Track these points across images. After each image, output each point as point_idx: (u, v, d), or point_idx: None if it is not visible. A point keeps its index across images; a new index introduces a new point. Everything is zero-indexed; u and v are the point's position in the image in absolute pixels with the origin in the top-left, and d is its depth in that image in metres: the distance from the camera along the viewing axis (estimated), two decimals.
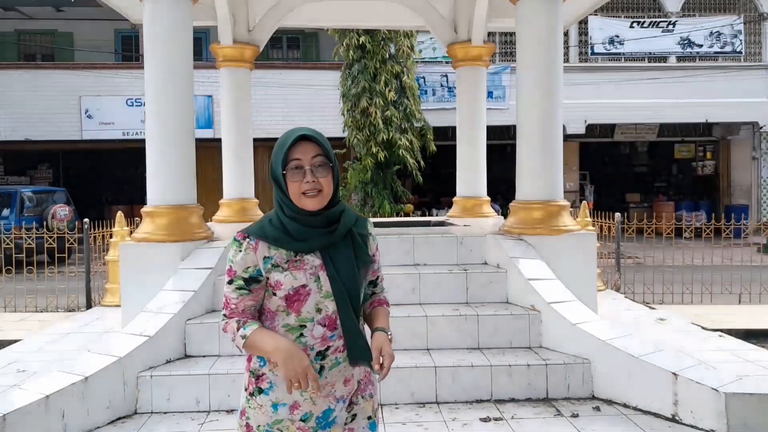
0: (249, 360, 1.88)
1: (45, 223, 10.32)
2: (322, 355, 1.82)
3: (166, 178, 4.69)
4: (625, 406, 3.72)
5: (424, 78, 14.49)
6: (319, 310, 1.81)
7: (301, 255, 1.80)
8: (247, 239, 1.81)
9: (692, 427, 3.38)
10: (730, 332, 5.44)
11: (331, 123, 12.99)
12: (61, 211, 11.45)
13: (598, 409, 3.72)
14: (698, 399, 3.36)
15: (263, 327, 1.83)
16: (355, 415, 1.91)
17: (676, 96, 15.58)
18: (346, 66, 11.25)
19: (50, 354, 4.77)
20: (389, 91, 10.85)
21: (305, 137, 1.80)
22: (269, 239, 1.80)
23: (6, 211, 11.12)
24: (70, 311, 6.67)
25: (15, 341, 5.23)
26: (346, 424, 1.89)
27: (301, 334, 1.80)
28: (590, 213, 9.33)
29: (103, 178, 18.18)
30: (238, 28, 6.55)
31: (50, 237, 6.81)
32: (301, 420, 1.82)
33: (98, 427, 3.55)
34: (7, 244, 6.66)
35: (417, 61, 12.69)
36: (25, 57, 17.77)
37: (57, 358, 4.57)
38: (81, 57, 16.40)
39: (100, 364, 3.65)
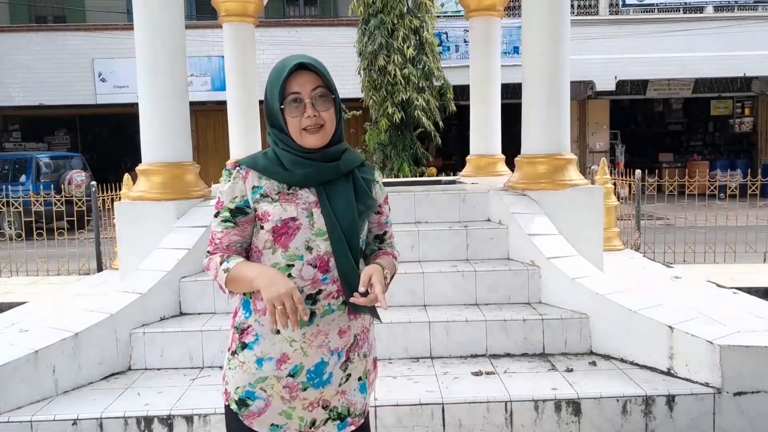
0: (234, 316, 1.78)
1: (62, 188, 10.49)
2: (312, 299, 1.68)
3: (159, 136, 4.64)
4: (622, 360, 3.60)
5: (446, 33, 14.10)
6: (309, 249, 1.67)
7: (294, 189, 1.68)
8: (238, 168, 1.71)
9: (687, 380, 3.25)
10: (750, 290, 5.22)
11: (349, 83, 12.74)
12: (78, 176, 11.58)
13: (594, 363, 3.61)
14: (693, 352, 3.22)
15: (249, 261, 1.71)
16: (349, 375, 1.76)
17: (712, 49, 14.84)
18: (362, 22, 10.94)
19: (54, 315, 4.83)
20: (408, 47, 10.54)
21: (303, 66, 1.65)
22: (259, 168, 1.69)
23: (23, 177, 11.30)
24: (84, 275, 6.78)
25: (23, 303, 5.34)
26: (340, 385, 1.74)
27: (289, 275, 1.66)
28: (621, 173, 9.03)
29: (122, 143, 18.35)
30: None
31: (59, 201, 6.90)
32: (289, 375, 1.67)
33: (91, 383, 3.58)
34: (16, 207, 6.77)
35: (439, 16, 12.29)
36: (36, 19, 17.50)
37: (60, 318, 4.63)
38: (93, 18, 16.27)
39: (90, 321, 3.67)
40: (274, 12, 17.10)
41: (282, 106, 1.65)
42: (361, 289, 1.61)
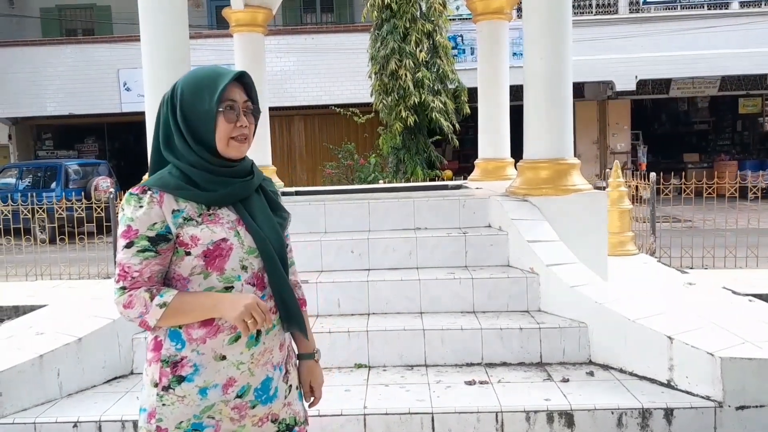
0: (156, 349, 1.62)
1: (89, 194, 10.79)
2: None
3: None
4: (621, 371, 3.54)
5: (461, 36, 14.06)
6: (244, 268, 1.63)
7: (214, 209, 1.62)
8: (149, 192, 1.57)
9: (687, 392, 3.18)
10: None
11: (365, 88, 12.73)
12: (103, 183, 11.98)
13: (591, 374, 3.56)
14: (693, 364, 3.15)
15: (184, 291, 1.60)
16: (291, 386, 1.78)
17: (739, 45, 14.48)
18: (375, 27, 11.00)
19: (71, 318, 4.93)
20: (420, 51, 10.55)
21: (241, 78, 1.64)
22: (172, 190, 1.58)
23: (53, 184, 11.75)
24: (104, 278, 6.95)
25: (44, 306, 5.49)
26: (285, 397, 1.75)
27: None
28: (643, 175, 8.87)
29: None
30: None
31: (80, 207, 7.11)
32: (237, 397, 1.64)
33: (94, 386, 3.68)
34: (40, 213, 6.99)
35: (454, 19, 12.28)
36: (67, 32, 18.19)
37: (70, 322, 4.74)
38: (120, 30, 16.72)
39: (94, 326, 3.78)
40: (290, 19, 17.25)
41: (220, 109, 1.59)
42: (311, 399, 1.87)
